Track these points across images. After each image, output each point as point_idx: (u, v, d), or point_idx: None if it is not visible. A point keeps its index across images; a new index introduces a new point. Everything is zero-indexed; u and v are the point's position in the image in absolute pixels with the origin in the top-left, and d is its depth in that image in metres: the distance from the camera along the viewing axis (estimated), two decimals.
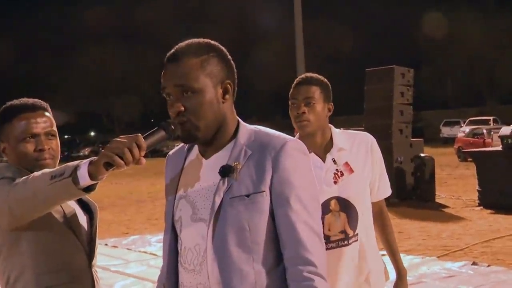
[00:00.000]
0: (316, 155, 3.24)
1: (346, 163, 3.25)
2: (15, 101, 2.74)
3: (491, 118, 39.51)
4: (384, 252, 3.51)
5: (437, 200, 14.58)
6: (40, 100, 2.76)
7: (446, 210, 13.80)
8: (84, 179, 2.13)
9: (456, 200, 14.81)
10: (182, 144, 2.36)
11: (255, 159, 2.15)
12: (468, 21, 54.43)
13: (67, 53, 68.97)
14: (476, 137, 29.04)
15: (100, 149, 50.62)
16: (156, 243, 11.25)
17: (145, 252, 10.56)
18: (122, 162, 2.02)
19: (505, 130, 14.21)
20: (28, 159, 2.62)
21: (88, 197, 2.76)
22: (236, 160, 2.16)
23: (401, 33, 56.73)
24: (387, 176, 3.45)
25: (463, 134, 30.74)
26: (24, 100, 2.73)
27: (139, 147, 2.05)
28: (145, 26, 70.77)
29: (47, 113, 2.70)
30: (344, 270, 3.18)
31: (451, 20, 54.42)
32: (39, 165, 2.59)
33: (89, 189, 2.19)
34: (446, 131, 45.31)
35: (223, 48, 2.28)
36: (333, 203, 3.20)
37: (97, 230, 2.80)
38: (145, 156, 2.09)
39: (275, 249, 2.14)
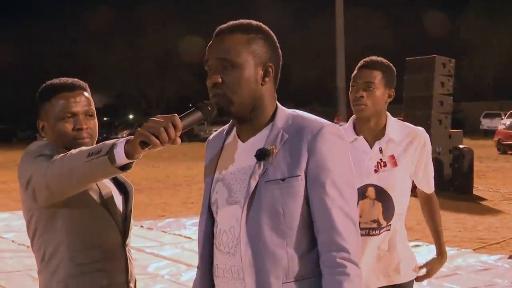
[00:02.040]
0: (366, 139, 3.25)
1: (392, 156, 3.24)
2: (55, 80, 2.76)
3: None
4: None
5: (474, 193, 14.45)
6: (79, 80, 2.77)
7: (483, 202, 13.68)
8: (121, 158, 2.16)
9: (494, 193, 14.66)
10: (222, 128, 2.36)
11: (291, 143, 2.14)
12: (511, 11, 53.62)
13: (105, 36, 69.39)
14: None
15: None
16: (191, 227, 11.33)
17: (179, 235, 10.66)
18: (157, 141, 2.03)
19: None
20: (66, 137, 2.64)
21: (125, 178, 2.80)
22: (272, 143, 2.15)
23: (442, 23, 55.97)
24: (433, 174, 3.44)
25: (504, 127, 30.28)
26: (64, 79, 2.75)
27: (175, 127, 2.06)
28: (182, 10, 70.86)
29: (85, 93, 2.72)
30: (367, 258, 3.17)
31: (494, 11, 53.64)
32: (77, 144, 2.60)
33: (125, 167, 2.21)
34: (486, 123, 44.74)
35: (272, 34, 2.27)
36: (370, 190, 3.20)
37: (132, 211, 2.82)
38: (182, 141, 2.11)
39: (309, 234, 2.14)
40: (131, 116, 75.77)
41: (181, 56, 63.56)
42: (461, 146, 14.69)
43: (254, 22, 2.25)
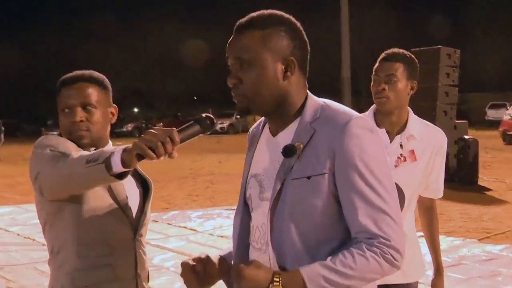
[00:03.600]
0: (387, 133, 3.24)
1: (412, 151, 3.23)
2: (68, 74, 2.75)
3: None
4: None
5: (480, 183, 14.46)
6: (91, 72, 2.76)
7: (488, 193, 13.70)
8: (117, 166, 2.19)
9: (499, 183, 14.68)
10: (261, 118, 2.35)
11: (318, 139, 2.09)
12: None
13: (111, 35, 69.51)
14: None
15: (143, 125, 50.27)
16: (196, 219, 11.38)
17: (185, 228, 10.71)
18: (153, 155, 2.06)
19: None
20: (65, 130, 2.67)
21: (144, 172, 2.81)
22: (299, 139, 2.11)
23: (447, 13, 55.84)
24: (443, 177, 3.40)
25: (509, 117, 30.13)
26: (74, 72, 2.75)
27: (172, 141, 2.08)
28: (186, 5, 71.02)
29: (90, 85, 2.69)
30: None
31: (498, 1, 53.55)
32: (74, 137, 2.64)
33: (121, 175, 2.22)
34: (491, 114, 44.74)
35: (296, 23, 2.20)
36: None
37: (149, 204, 2.82)
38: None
39: (336, 232, 2.09)
40: (136, 110, 75.88)
41: (181, 53, 63.53)
42: (466, 137, 14.68)
43: (274, 14, 2.19)
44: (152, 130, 2.12)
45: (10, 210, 13.28)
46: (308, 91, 2.23)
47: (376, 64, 3.32)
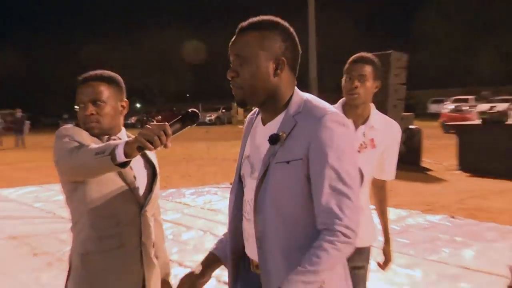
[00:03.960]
0: (354, 123, 3.21)
1: (372, 139, 3.23)
2: (84, 74, 2.75)
3: (471, 97, 38.90)
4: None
5: (423, 165, 14.55)
6: (98, 72, 2.74)
7: (430, 173, 13.81)
8: (120, 157, 2.23)
9: (438, 165, 14.78)
10: (255, 109, 2.34)
11: (298, 129, 2.08)
12: (453, 13, 53.75)
13: (112, 36, 68.53)
14: (458, 112, 28.56)
15: (144, 118, 49.48)
16: (189, 195, 11.38)
17: (180, 203, 10.67)
18: (151, 146, 2.12)
19: (482, 107, 14.21)
20: (80, 121, 2.67)
21: (151, 156, 2.84)
22: (283, 129, 2.10)
23: (400, 24, 55.95)
24: (396, 163, 3.41)
25: (448, 110, 30.39)
26: (88, 72, 2.74)
27: (166, 134, 2.13)
28: (177, 12, 69.96)
29: (100, 83, 2.67)
30: None
31: (439, 15, 53.73)
32: (86, 128, 2.65)
33: (123, 164, 2.27)
34: (433, 108, 44.84)
35: (289, 28, 2.18)
36: None
37: (156, 185, 2.83)
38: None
39: (308, 211, 2.08)
40: (138, 105, 75.35)
41: (176, 57, 62.79)
42: (412, 127, 14.76)
43: (270, 19, 2.16)
44: (148, 126, 2.16)
45: (35, 189, 13.18)
46: (295, 87, 2.21)
47: (348, 66, 3.29)
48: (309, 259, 1.97)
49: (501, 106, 14.59)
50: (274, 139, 2.10)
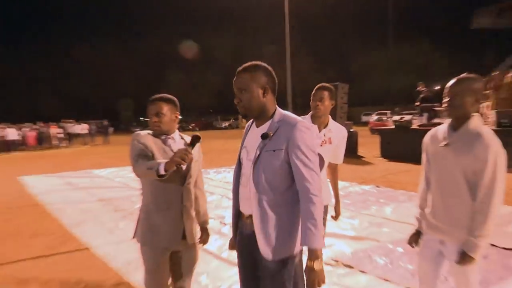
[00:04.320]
0: (318, 127, 3.21)
1: (330, 138, 3.22)
2: (153, 96, 2.74)
3: (388, 111, 38.87)
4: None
5: (358, 154, 14.49)
6: (162, 95, 2.71)
7: (363, 159, 13.69)
8: (161, 171, 2.33)
9: (368, 153, 14.70)
10: (251, 120, 2.32)
11: (280, 131, 2.10)
12: (372, 59, 53.13)
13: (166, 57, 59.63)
14: (380, 121, 28.54)
15: (183, 124, 47.40)
16: (212, 173, 11.25)
17: (206, 178, 10.52)
18: (184, 163, 2.31)
19: (395, 117, 14.19)
20: (150, 126, 2.68)
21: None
22: (270, 130, 2.13)
23: (341, 64, 54.74)
24: (343, 152, 3.38)
25: (374, 120, 30.37)
26: (155, 95, 2.72)
27: (187, 155, 2.32)
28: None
29: (161, 102, 2.66)
30: None
31: (370, 55, 53.10)
32: (152, 130, 2.66)
33: (163, 176, 2.36)
34: (364, 118, 44.74)
35: (269, 67, 2.18)
36: None
37: (197, 165, 2.79)
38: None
39: (287, 181, 2.10)
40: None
41: (199, 83, 58.92)
42: (351, 130, 14.68)
43: (258, 64, 2.16)
44: (177, 151, 2.33)
45: (115, 170, 13.10)
46: (276, 105, 2.21)
47: (314, 91, 3.27)
48: (309, 214, 2.00)
49: (407, 117, 14.58)
50: (264, 136, 2.12)
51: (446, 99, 2.38)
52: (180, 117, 2.76)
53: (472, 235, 2.27)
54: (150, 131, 2.66)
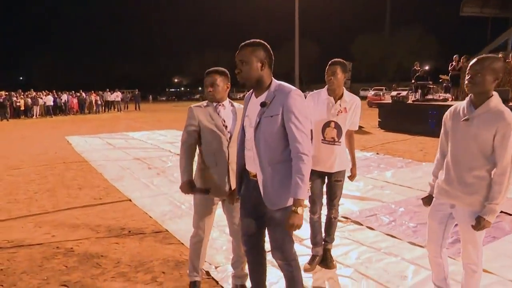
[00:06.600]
0: (334, 99, 3.08)
1: (345, 108, 3.08)
2: (209, 69, 2.70)
3: (384, 87, 38.05)
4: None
5: (360, 125, 14.25)
6: (216, 68, 2.68)
7: (363, 129, 13.43)
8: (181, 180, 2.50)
9: (367, 124, 14.48)
10: (250, 91, 2.27)
11: (276, 99, 2.09)
12: (370, 40, 51.52)
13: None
14: (376, 96, 28.01)
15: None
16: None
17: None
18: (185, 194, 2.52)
19: (393, 93, 13.91)
20: (206, 95, 2.66)
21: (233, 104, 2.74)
22: (268, 99, 2.11)
23: (345, 45, 53.41)
24: (358, 120, 3.22)
25: (371, 95, 29.81)
26: (211, 68, 2.68)
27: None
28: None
29: (216, 74, 2.62)
30: (334, 155, 3.09)
31: (379, 39, 51.55)
32: (208, 99, 2.66)
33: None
34: (363, 93, 43.99)
35: (267, 45, 2.13)
36: (332, 123, 3.05)
37: (235, 127, 2.72)
38: (170, 99, 2.11)
39: (283, 142, 2.09)
40: (200, 88, 72.66)
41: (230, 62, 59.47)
42: None
43: (257, 41, 2.13)
44: (183, 190, 2.52)
45: (147, 133, 13.07)
46: (272, 77, 2.17)
47: (327, 67, 3.10)
48: (298, 170, 2.00)
49: (403, 93, 14.32)
50: (263, 104, 2.11)
51: (467, 77, 2.27)
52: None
53: (490, 202, 2.23)
54: (204, 103, 2.66)
